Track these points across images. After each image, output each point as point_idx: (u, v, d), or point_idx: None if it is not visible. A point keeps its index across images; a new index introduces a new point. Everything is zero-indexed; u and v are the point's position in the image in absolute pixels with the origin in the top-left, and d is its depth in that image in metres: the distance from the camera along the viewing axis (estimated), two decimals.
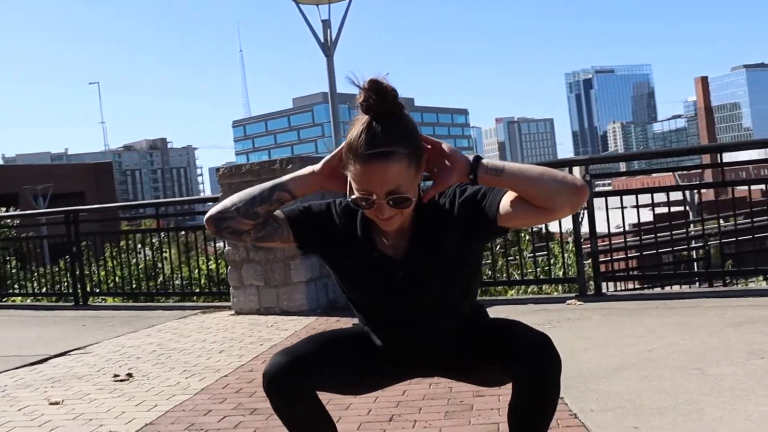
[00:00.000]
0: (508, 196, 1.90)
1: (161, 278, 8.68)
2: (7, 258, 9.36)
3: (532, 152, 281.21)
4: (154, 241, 8.98)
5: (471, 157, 1.90)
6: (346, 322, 4.27)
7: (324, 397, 2.00)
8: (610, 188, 16.47)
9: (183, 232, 8.41)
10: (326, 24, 11.02)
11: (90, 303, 8.50)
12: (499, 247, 7.58)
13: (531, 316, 5.13)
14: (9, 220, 9.81)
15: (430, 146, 1.94)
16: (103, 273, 9.10)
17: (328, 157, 2.02)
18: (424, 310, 2.07)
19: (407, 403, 3.32)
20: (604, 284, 6.42)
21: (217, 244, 8.70)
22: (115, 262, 8.85)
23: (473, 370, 2.17)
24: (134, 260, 8.86)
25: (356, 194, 1.90)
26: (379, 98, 1.86)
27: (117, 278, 8.74)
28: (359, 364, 2.12)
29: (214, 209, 2.04)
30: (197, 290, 8.14)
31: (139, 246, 9.02)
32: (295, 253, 6.90)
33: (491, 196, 1.94)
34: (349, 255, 2.07)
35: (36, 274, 9.19)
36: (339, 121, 11.38)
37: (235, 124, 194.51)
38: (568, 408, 2.99)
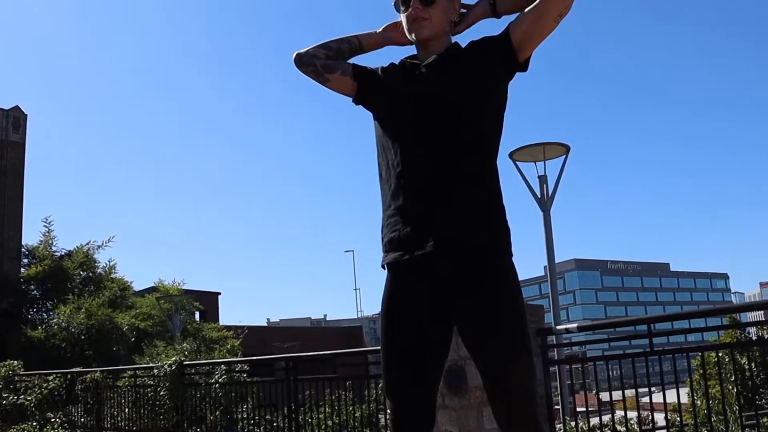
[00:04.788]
0: (515, 19, 2.43)
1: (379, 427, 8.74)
2: (239, 401, 9.98)
3: None
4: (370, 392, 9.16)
5: None
6: None
7: None
8: None
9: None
10: (543, 179, 11.18)
11: None
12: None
13: None
14: (239, 366, 10.58)
15: (464, 10, 2.57)
16: (320, 417, 9.36)
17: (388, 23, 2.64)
18: (443, 115, 2.38)
19: None
20: None
21: None
22: (329, 410, 9.12)
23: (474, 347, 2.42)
24: (351, 408, 9.05)
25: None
26: None
27: (332, 425, 8.96)
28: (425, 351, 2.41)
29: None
30: None
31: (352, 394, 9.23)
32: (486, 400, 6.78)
33: (503, 31, 2.44)
34: (390, 77, 2.57)
35: (257, 417, 9.70)
36: (555, 274, 11.25)
37: None
38: None
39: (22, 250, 27.67)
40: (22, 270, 27.26)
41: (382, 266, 2.44)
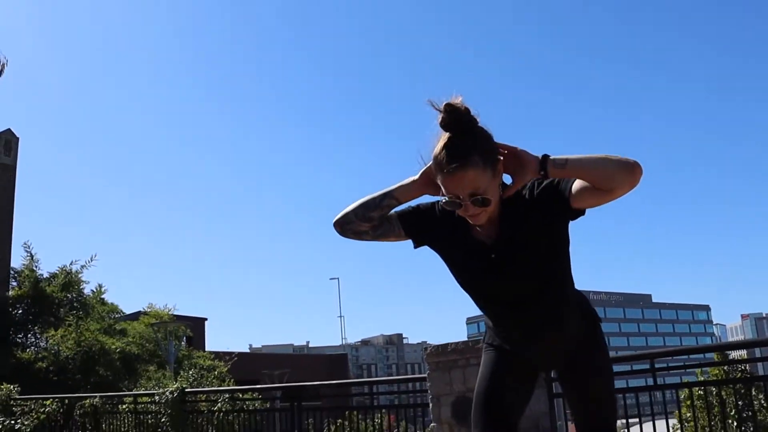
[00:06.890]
0: (579, 181, 2.27)
1: None
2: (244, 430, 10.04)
3: None
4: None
5: (540, 156, 2.27)
6: None
7: None
8: None
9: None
10: None
11: None
12: None
13: None
14: (241, 394, 10.69)
15: (505, 151, 2.33)
16: None
17: (424, 167, 2.43)
18: (524, 287, 2.43)
19: None
20: None
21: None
22: None
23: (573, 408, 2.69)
24: None
25: (446, 198, 2.32)
26: (454, 117, 2.24)
27: None
28: (512, 385, 2.59)
29: (339, 215, 2.51)
30: None
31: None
32: None
33: (564, 182, 2.32)
34: (451, 243, 2.49)
35: None
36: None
37: (469, 321, 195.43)
38: None
39: (11, 272, 27.55)
40: (10, 292, 27.14)
41: (487, 344, 2.74)
